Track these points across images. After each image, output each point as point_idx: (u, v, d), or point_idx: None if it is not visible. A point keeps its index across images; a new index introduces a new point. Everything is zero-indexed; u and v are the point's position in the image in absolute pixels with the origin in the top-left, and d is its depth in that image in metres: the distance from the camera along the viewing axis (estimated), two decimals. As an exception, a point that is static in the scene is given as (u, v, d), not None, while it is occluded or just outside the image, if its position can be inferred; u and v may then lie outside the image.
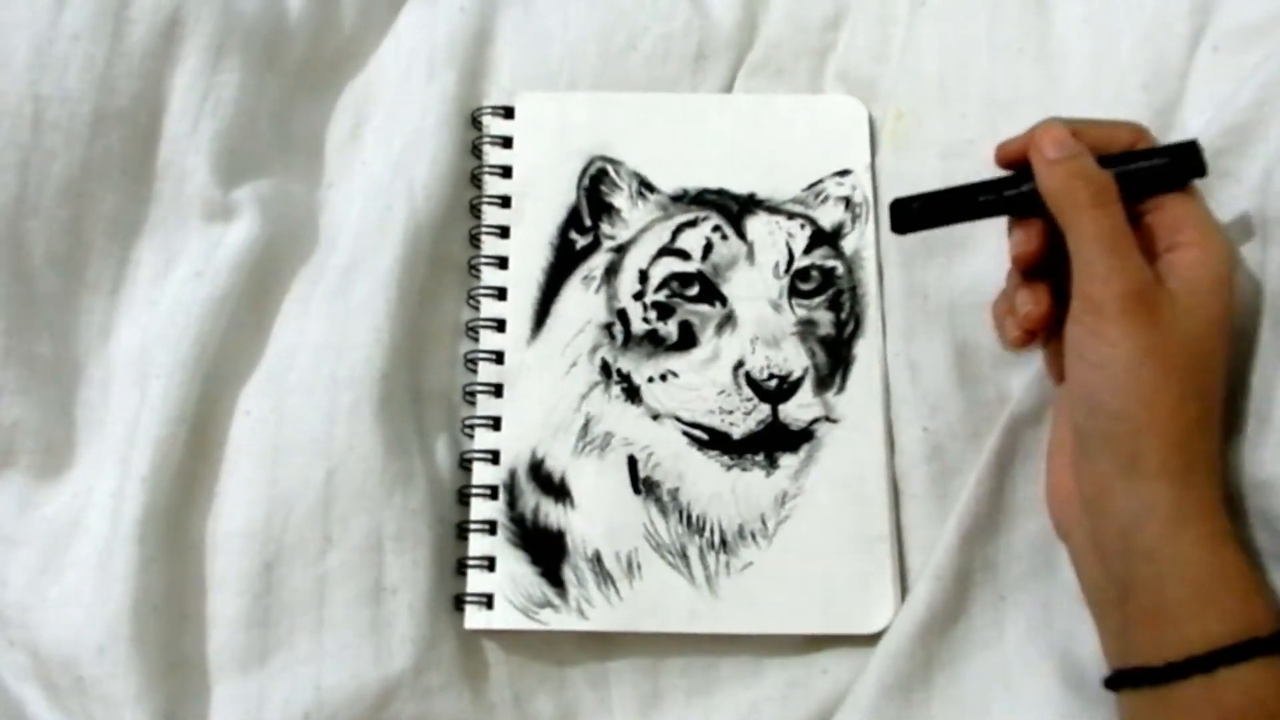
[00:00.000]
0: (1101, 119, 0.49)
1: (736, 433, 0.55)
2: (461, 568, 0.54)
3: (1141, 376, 0.42)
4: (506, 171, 0.60)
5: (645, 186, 0.59)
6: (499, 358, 0.57)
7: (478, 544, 0.54)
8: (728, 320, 0.56)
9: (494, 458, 0.55)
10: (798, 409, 0.55)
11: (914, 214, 0.51)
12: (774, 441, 0.55)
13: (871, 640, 0.52)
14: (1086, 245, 0.44)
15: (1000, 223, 0.57)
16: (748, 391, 0.55)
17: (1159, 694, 0.40)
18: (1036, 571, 0.51)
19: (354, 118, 0.62)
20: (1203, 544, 0.41)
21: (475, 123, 0.61)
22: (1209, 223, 0.45)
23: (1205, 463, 0.42)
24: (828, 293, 0.57)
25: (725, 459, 0.55)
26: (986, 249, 0.56)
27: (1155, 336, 0.42)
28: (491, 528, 0.54)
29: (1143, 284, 0.43)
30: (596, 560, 0.54)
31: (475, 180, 0.60)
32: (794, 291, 0.57)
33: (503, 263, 0.58)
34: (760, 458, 0.55)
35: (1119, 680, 0.42)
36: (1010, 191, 0.49)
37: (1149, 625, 0.41)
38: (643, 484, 0.55)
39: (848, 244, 0.58)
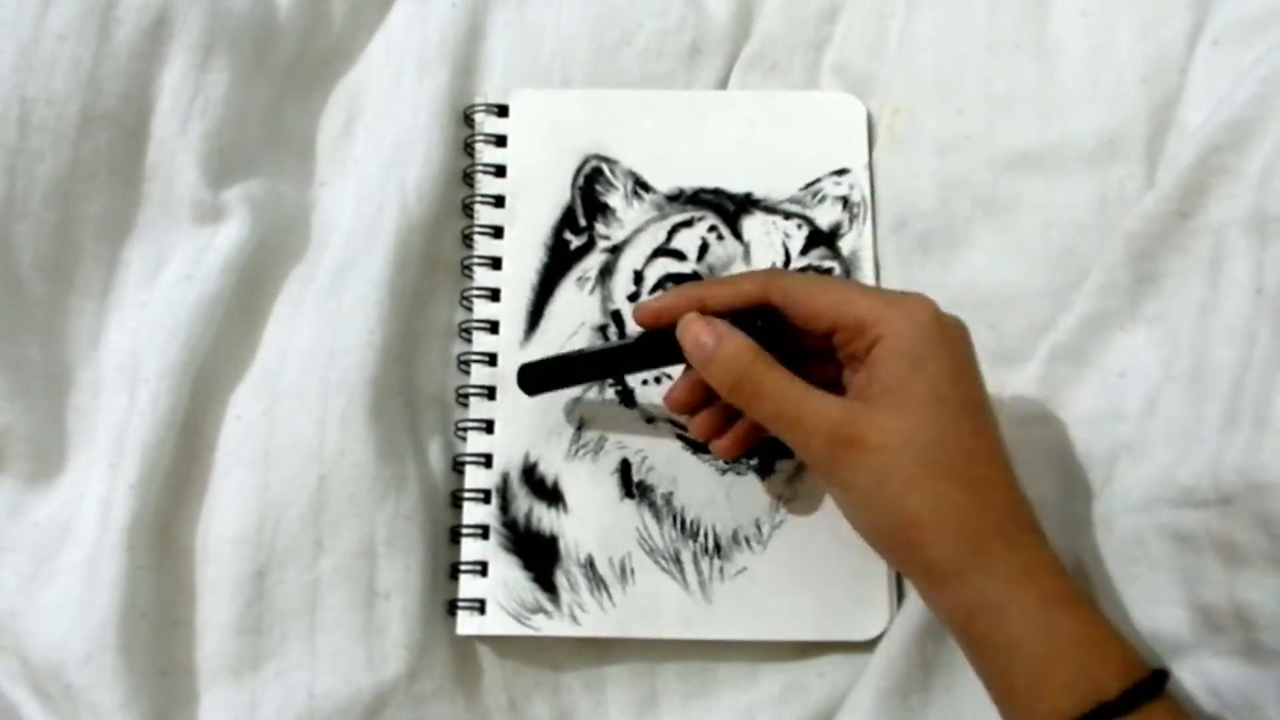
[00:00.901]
0: (727, 277, 0.52)
1: (731, 436, 0.55)
2: (454, 572, 0.53)
3: (881, 500, 0.42)
4: (500, 170, 0.59)
5: (640, 186, 0.59)
6: (492, 360, 0.56)
7: (470, 549, 0.54)
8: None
9: (487, 461, 0.55)
10: (793, 412, 0.55)
11: (539, 378, 0.53)
12: (769, 446, 0.54)
13: (866, 647, 0.52)
14: (767, 425, 0.45)
15: (998, 224, 0.56)
16: (743, 394, 0.55)
17: None
18: None
19: (345, 116, 0.61)
20: (1029, 621, 0.40)
21: (467, 120, 0.61)
22: (885, 305, 0.44)
23: (1000, 538, 0.42)
24: (824, 294, 0.57)
25: (719, 463, 0.54)
26: (984, 247, 0.56)
27: (871, 461, 0.42)
28: (484, 532, 0.54)
29: (831, 429, 0.43)
30: (589, 565, 0.53)
31: (467, 179, 0.60)
32: (790, 293, 0.56)
33: (496, 263, 0.58)
34: (755, 462, 0.54)
35: None
36: (641, 355, 0.50)
37: (1011, 708, 0.41)
38: (636, 488, 0.54)
39: (845, 244, 0.58)
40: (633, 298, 0.57)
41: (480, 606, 0.53)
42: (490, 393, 0.56)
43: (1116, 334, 0.52)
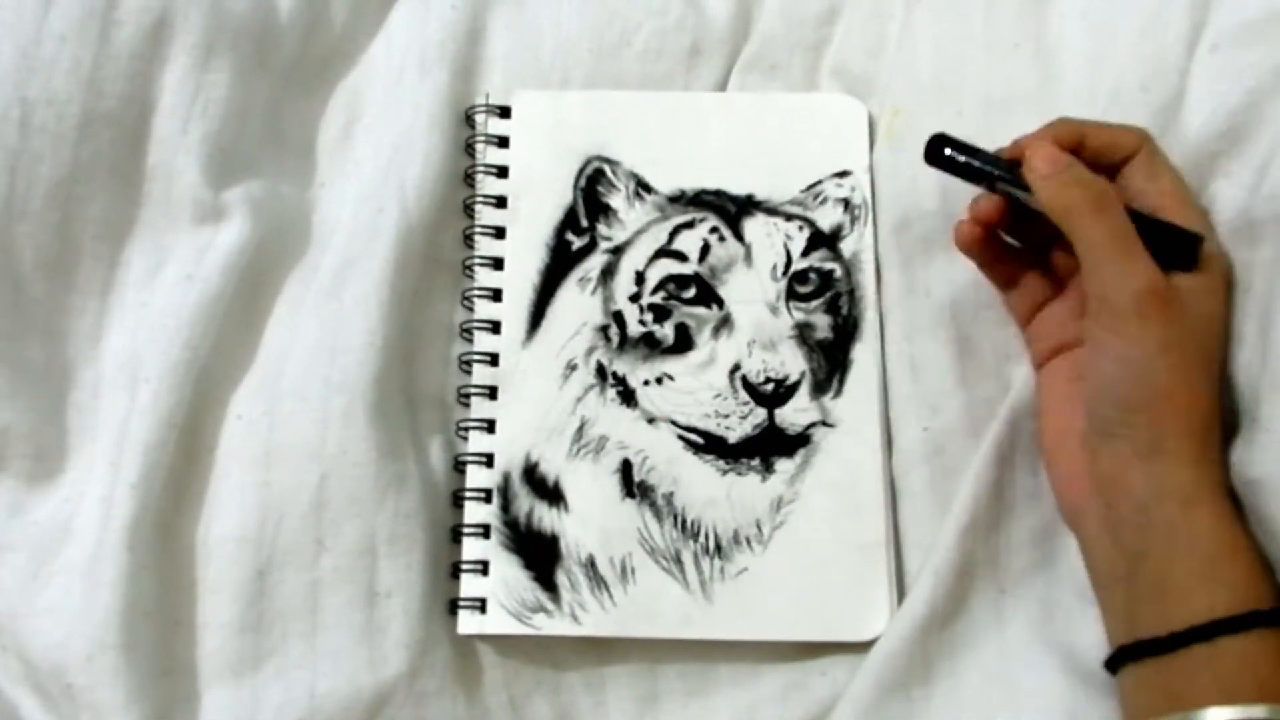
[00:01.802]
0: (1106, 122, 0.49)
1: (732, 437, 0.55)
2: (455, 571, 0.54)
3: (1161, 369, 0.43)
4: (502, 171, 0.59)
5: (642, 187, 0.59)
6: (493, 360, 0.56)
7: (471, 548, 0.54)
8: (724, 323, 0.56)
9: (488, 461, 0.55)
10: (794, 413, 0.55)
11: (946, 159, 0.51)
12: (770, 446, 0.55)
13: (867, 648, 0.52)
14: (1094, 250, 0.45)
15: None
16: (744, 395, 0.55)
17: (1160, 664, 0.41)
18: (1037, 565, 0.51)
19: (346, 117, 0.61)
20: (1214, 521, 0.42)
21: (469, 121, 0.61)
22: (1212, 235, 0.46)
23: (1215, 448, 0.44)
24: (826, 296, 0.57)
25: (721, 463, 0.54)
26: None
27: (1171, 331, 0.44)
28: (485, 531, 0.54)
29: (1153, 282, 0.44)
30: (590, 565, 0.53)
31: (468, 179, 0.60)
32: (792, 294, 0.56)
33: (497, 264, 0.58)
34: (756, 462, 0.54)
35: (1121, 656, 0.43)
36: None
37: (1157, 598, 0.42)
38: (637, 488, 0.54)
39: (846, 246, 0.58)
40: (634, 298, 0.57)
41: (481, 605, 0.53)
42: (492, 392, 0.56)
43: None
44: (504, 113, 0.60)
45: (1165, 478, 0.43)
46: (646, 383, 0.56)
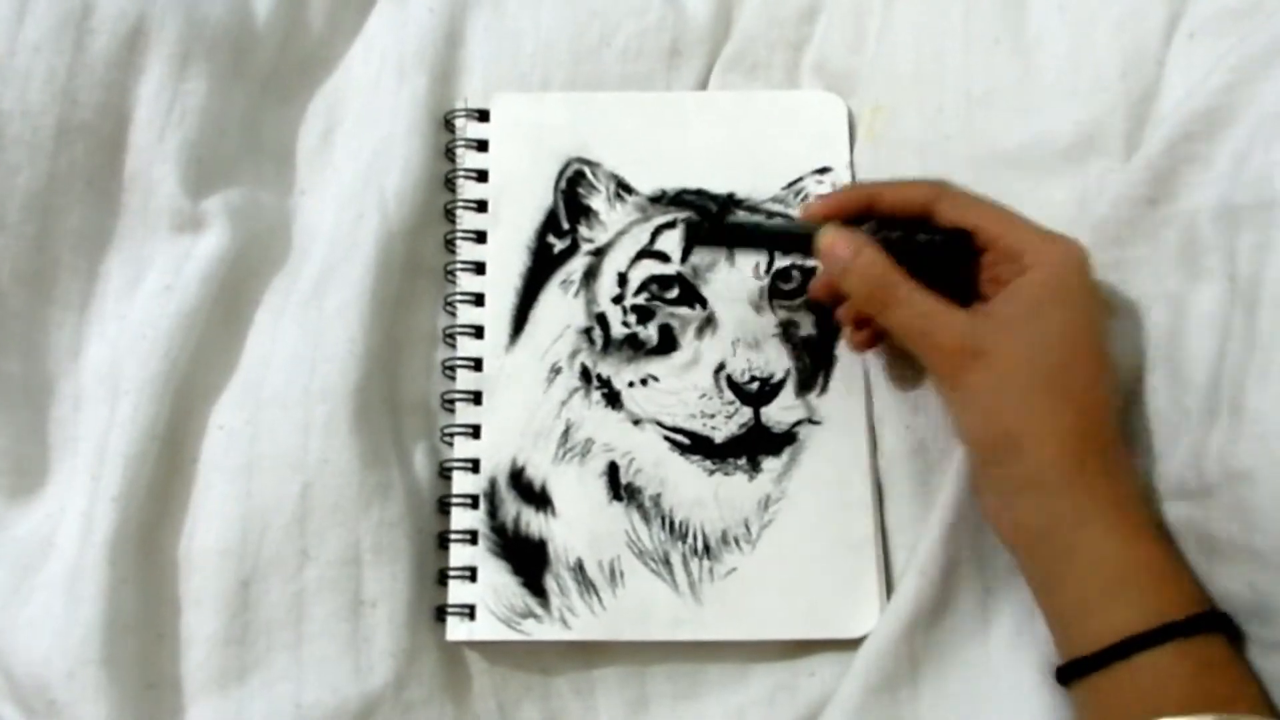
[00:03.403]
0: (898, 180, 0.51)
1: (718, 437, 0.54)
2: (443, 578, 0.53)
3: (1000, 411, 0.44)
4: (482, 175, 0.59)
5: (623, 188, 0.59)
6: (477, 365, 0.56)
7: (459, 554, 0.53)
8: (708, 323, 0.56)
9: (474, 466, 0.54)
10: (780, 411, 0.55)
11: (709, 234, 0.55)
12: (756, 445, 0.54)
13: (856, 645, 0.51)
14: (899, 331, 0.48)
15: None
16: (729, 394, 0.55)
17: (1091, 683, 0.42)
18: None
19: (324, 123, 0.61)
20: (1112, 539, 0.42)
21: (448, 125, 0.61)
22: (1042, 241, 0.46)
23: (1099, 461, 0.43)
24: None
25: (707, 463, 0.54)
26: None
27: (992, 377, 0.44)
28: (472, 538, 0.53)
29: (959, 340, 0.45)
30: (579, 569, 0.53)
31: (449, 184, 0.59)
32: (775, 292, 0.56)
33: (479, 268, 0.58)
34: (743, 461, 0.54)
35: (1061, 675, 0.44)
36: (793, 243, 0.53)
37: (1076, 619, 0.43)
38: (624, 490, 0.54)
39: (828, 242, 0.57)
40: (617, 300, 0.56)
41: (470, 612, 0.52)
42: (476, 397, 0.55)
43: None
44: (483, 116, 0.60)
45: (1048, 507, 0.43)
46: (631, 384, 0.55)
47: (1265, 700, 0.40)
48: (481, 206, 0.58)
